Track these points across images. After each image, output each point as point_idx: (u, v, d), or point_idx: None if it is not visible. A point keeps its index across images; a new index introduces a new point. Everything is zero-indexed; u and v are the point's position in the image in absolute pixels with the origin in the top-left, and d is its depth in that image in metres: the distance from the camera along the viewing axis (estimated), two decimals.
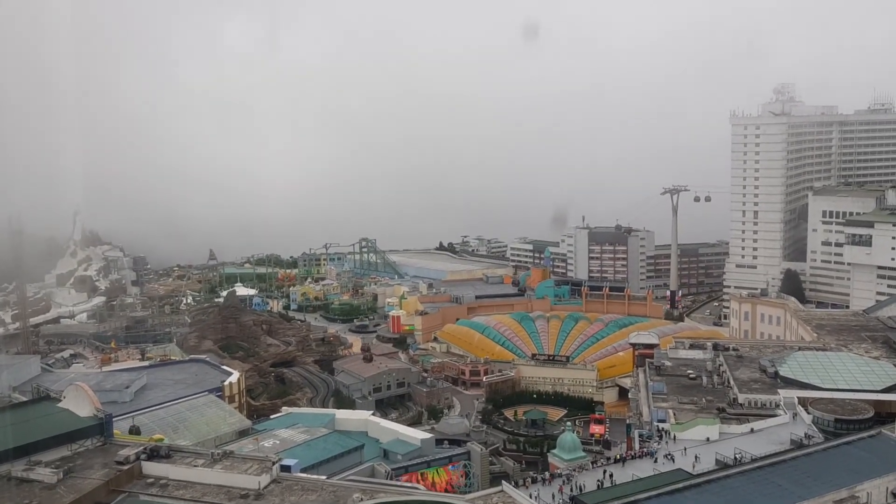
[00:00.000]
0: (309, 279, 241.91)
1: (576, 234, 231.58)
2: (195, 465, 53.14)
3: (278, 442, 77.62)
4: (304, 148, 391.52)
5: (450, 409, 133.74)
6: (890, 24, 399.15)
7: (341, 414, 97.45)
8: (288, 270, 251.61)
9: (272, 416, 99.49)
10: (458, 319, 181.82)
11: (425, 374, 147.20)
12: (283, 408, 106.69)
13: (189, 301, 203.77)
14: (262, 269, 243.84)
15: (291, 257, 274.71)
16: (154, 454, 54.24)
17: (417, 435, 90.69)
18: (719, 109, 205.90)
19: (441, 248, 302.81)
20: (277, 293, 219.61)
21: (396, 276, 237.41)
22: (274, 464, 52.94)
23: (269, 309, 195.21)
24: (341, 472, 72.85)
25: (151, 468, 53.16)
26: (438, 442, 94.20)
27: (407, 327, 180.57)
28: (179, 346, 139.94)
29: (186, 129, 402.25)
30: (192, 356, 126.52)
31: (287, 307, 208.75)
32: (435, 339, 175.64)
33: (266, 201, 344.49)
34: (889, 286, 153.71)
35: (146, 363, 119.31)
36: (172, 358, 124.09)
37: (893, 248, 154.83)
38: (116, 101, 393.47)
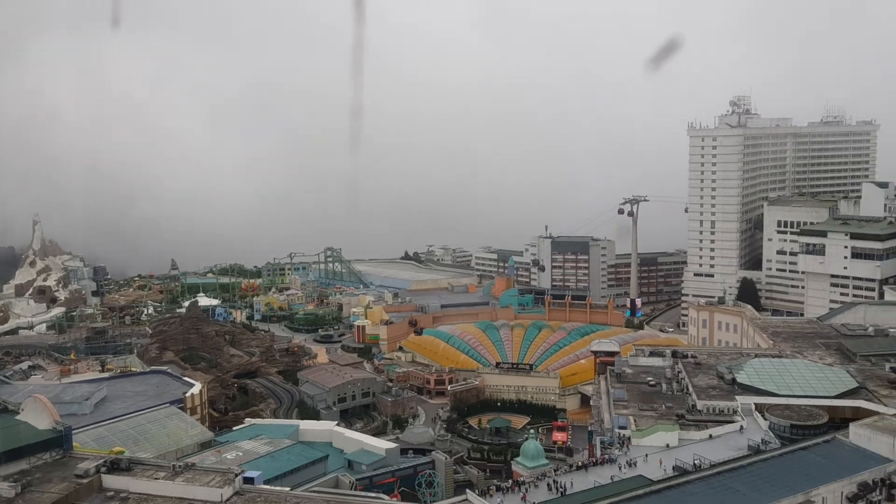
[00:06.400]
0: (273, 289, 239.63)
1: (539, 244, 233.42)
2: (156, 478, 52.73)
3: (241, 454, 77.23)
4: (259, 159, 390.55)
5: (415, 418, 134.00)
6: (845, 38, 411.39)
7: (305, 425, 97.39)
8: (251, 280, 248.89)
9: (235, 428, 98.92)
10: (423, 329, 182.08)
11: (390, 384, 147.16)
12: (247, 419, 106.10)
13: (150, 311, 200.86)
14: (225, 279, 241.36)
15: (255, 267, 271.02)
16: (114, 467, 53.67)
17: (382, 445, 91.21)
18: (678, 120, 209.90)
19: (406, 257, 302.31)
20: (241, 303, 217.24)
21: (361, 286, 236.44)
22: (236, 476, 52.70)
23: (232, 319, 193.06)
24: (305, 483, 72.78)
25: (112, 481, 52.59)
26: (403, 451, 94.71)
27: (371, 337, 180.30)
28: (140, 357, 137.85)
29: (130, 140, 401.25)
30: (153, 367, 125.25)
31: (251, 317, 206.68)
32: (400, 349, 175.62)
33: (224, 211, 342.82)
34: (842, 294, 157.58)
35: (106, 375, 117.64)
36: (133, 369, 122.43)
37: (846, 258, 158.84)
38: (63, 112, 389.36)
